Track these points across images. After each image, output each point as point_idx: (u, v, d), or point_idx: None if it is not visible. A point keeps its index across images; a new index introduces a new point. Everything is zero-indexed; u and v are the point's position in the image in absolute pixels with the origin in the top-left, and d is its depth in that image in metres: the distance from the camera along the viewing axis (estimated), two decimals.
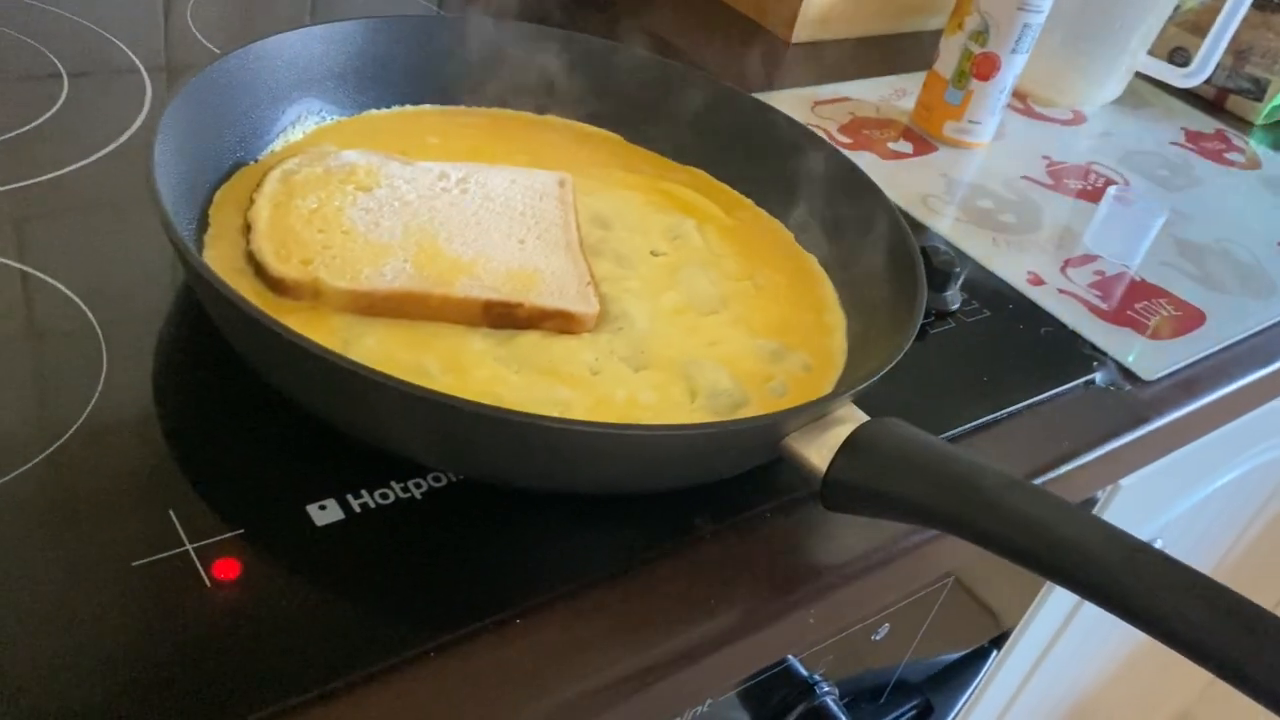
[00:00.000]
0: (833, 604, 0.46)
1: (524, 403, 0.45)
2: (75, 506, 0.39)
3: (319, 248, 0.49)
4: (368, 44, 0.62)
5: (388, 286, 0.48)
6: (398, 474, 0.43)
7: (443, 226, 0.53)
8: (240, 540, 0.39)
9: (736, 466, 0.46)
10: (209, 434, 0.43)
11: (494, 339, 0.49)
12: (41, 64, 0.64)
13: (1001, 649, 0.75)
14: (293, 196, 0.52)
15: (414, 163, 0.57)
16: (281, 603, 0.37)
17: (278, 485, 0.41)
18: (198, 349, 0.47)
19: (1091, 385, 0.62)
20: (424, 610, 0.39)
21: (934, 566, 0.54)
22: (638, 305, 0.53)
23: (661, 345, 0.51)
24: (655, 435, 0.41)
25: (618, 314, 0.52)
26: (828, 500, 0.43)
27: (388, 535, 0.41)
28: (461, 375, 0.46)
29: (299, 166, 0.54)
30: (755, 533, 0.46)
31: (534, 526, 0.43)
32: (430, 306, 0.48)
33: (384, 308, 0.48)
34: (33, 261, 0.49)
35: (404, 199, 0.54)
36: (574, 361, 0.49)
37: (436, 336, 0.48)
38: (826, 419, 0.44)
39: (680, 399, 0.49)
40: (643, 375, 0.50)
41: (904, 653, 0.62)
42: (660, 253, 0.58)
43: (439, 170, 0.57)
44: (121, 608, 0.36)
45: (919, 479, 0.40)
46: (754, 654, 0.45)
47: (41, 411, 0.42)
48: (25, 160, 0.55)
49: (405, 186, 0.55)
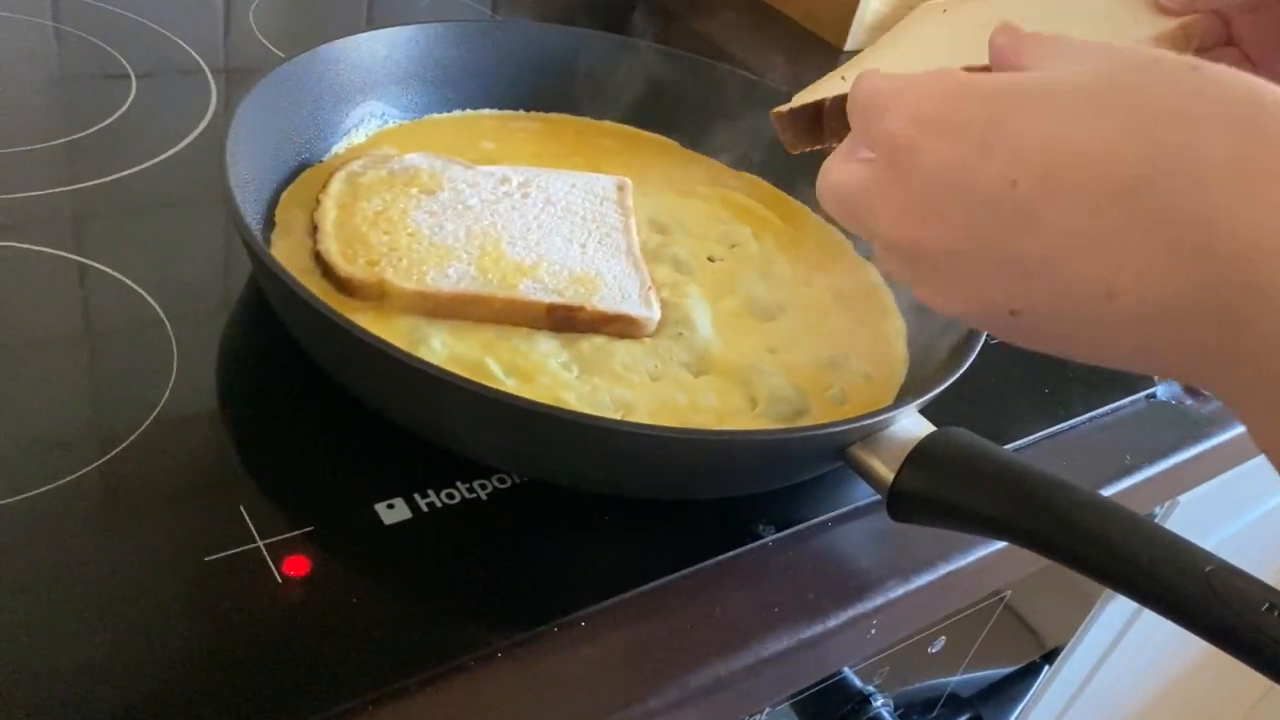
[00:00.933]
0: (895, 615, 0.45)
1: (586, 406, 0.45)
2: (149, 500, 0.39)
3: (385, 249, 0.50)
4: (429, 48, 0.63)
5: (452, 288, 0.48)
6: (464, 474, 0.43)
7: (505, 230, 0.53)
8: (310, 537, 0.39)
9: (801, 474, 0.46)
10: (278, 432, 0.44)
11: (556, 343, 0.49)
12: (111, 65, 0.65)
13: (1053, 664, 0.74)
14: (358, 198, 0.53)
15: (475, 167, 0.57)
16: (350, 600, 0.37)
17: (346, 484, 0.42)
18: (265, 347, 0.48)
19: (1153, 399, 0.61)
20: (491, 611, 0.39)
21: (994, 579, 0.53)
22: (698, 311, 0.53)
23: (722, 351, 0.51)
24: (723, 440, 0.41)
25: (678, 319, 0.52)
26: (894, 510, 0.42)
27: (454, 535, 0.41)
28: (524, 378, 0.46)
29: (364, 169, 0.55)
30: (819, 541, 0.45)
31: (598, 530, 0.43)
32: (494, 309, 0.49)
33: (448, 309, 0.48)
34: (103, 259, 0.50)
35: (466, 203, 0.54)
36: (635, 366, 0.49)
37: (499, 340, 0.48)
38: (892, 428, 0.43)
39: (741, 405, 0.49)
40: (703, 380, 0.50)
41: (958, 666, 0.62)
42: (718, 258, 0.58)
43: (500, 174, 0.57)
44: (194, 601, 0.36)
45: (989, 490, 0.40)
46: (815, 664, 0.45)
47: (115, 407, 0.43)
48: (95, 159, 0.56)
49: (468, 190, 0.55)
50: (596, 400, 0.46)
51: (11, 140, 0.56)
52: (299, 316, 0.43)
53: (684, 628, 0.41)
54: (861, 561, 0.46)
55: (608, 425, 0.39)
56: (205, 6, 0.75)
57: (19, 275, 0.48)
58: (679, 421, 0.46)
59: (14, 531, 0.37)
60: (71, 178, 0.55)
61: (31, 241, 0.50)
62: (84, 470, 0.40)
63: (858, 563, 0.45)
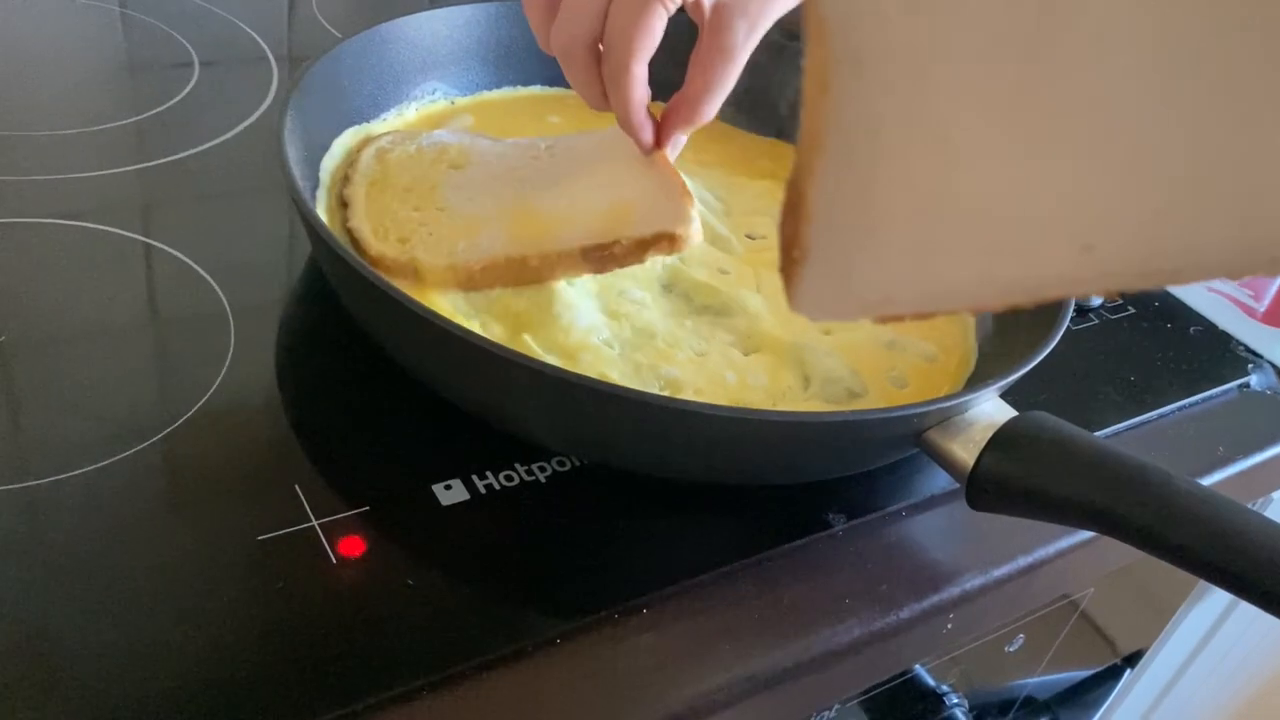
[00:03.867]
0: (973, 610, 0.43)
1: (631, 384, 0.44)
2: (205, 478, 0.39)
3: (415, 225, 0.48)
4: (489, 27, 0.62)
5: (485, 256, 0.46)
6: (522, 457, 0.42)
7: (533, 189, 0.51)
8: (365, 517, 0.38)
9: (873, 460, 0.44)
10: (334, 412, 0.43)
11: (600, 318, 0.47)
12: (175, 50, 0.65)
13: (1134, 668, 0.71)
14: (388, 175, 0.52)
15: (502, 140, 0.55)
16: (407, 581, 0.36)
17: (403, 464, 0.41)
18: (321, 327, 0.47)
19: (1247, 389, 0.58)
20: (550, 596, 0.37)
21: (1075, 575, 0.51)
22: (742, 289, 0.51)
23: (772, 328, 0.49)
24: (792, 423, 0.39)
25: (724, 294, 0.50)
26: (974, 498, 0.40)
27: (512, 518, 0.40)
28: (566, 356, 0.45)
29: (392, 145, 0.54)
30: (892, 531, 0.43)
31: (660, 515, 0.42)
32: (530, 268, 0.47)
33: (484, 279, 0.46)
34: (164, 238, 0.49)
35: (494, 173, 0.52)
36: (680, 345, 0.47)
37: (539, 313, 0.47)
38: (971, 413, 0.41)
39: (792, 384, 0.47)
40: (753, 359, 0.48)
41: (1037, 666, 0.59)
42: (758, 236, 0.56)
43: (529, 143, 0.55)
44: (248, 579, 0.35)
45: (1080, 477, 0.37)
46: (887, 658, 0.43)
47: (174, 385, 0.42)
48: (159, 141, 0.56)
49: (496, 162, 0.53)
50: (642, 379, 0.45)
51: (77, 122, 0.56)
52: (358, 295, 0.42)
53: (749, 617, 0.39)
54: (936, 553, 0.43)
55: (662, 403, 0.37)
56: None
57: (78, 253, 0.48)
58: (730, 399, 0.44)
59: (70, 507, 0.36)
60: (133, 159, 0.54)
61: (92, 220, 0.49)
62: (140, 447, 0.39)
63: (932, 554, 0.43)
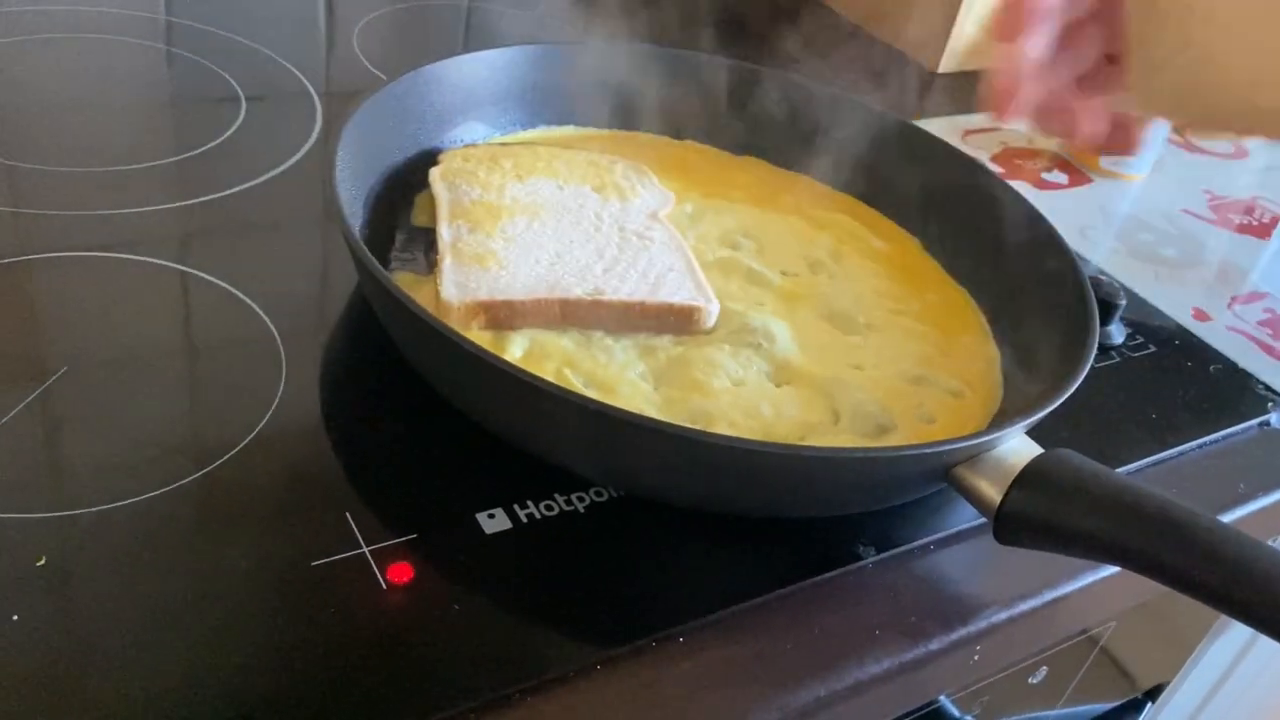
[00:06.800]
0: (999, 642, 0.44)
1: (667, 418, 0.45)
2: (256, 507, 0.40)
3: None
4: (528, 69, 0.64)
5: (521, 297, 0.48)
6: (562, 487, 0.43)
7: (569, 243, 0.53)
8: (413, 545, 0.39)
9: (902, 495, 0.45)
10: (381, 442, 0.44)
11: (633, 353, 0.49)
12: (221, 87, 0.67)
13: (1155, 701, 0.71)
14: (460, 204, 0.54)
15: (527, 179, 0.57)
16: (454, 607, 0.38)
17: (448, 493, 0.42)
18: (369, 359, 0.48)
19: (1267, 427, 0.59)
20: (589, 624, 0.39)
21: (1100, 609, 0.52)
22: (774, 323, 0.52)
23: (803, 362, 0.51)
24: (822, 458, 0.41)
25: (757, 328, 0.52)
26: (1001, 534, 0.41)
27: (553, 546, 0.41)
28: (604, 390, 0.46)
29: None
30: (920, 564, 0.45)
31: (696, 546, 0.43)
32: (565, 312, 0.49)
33: (519, 318, 0.48)
34: (213, 272, 0.51)
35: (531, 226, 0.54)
36: (715, 372, 0.48)
37: (577, 350, 0.48)
38: (998, 450, 0.42)
39: (824, 418, 0.48)
40: (785, 391, 0.49)
41: (1059, 699, 0.60)
42: (792, 273, 0.58)
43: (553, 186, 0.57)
44: (300, 605, 0.37)
45: (1104, 513, 0.38)
46: (916, 688, 0.44)
47: (226, 416, 0.44)
48: (208, 176, 0.58)
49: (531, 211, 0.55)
50: (675, 413, 0.46)
51: (128, 158, 0.58)
52: (404, 328, 0.44)
53: (783, 647, 0.40)
54: (965, 586, 0.44)
55: (699, 438, 0.38)
56: (311, 31, 0.78)
57: (134, 287, 0.50)
58: (761, 432, 0.46)
59: (124, 536, 0.38)
60: (184, 194, 0.56)
61: (146, 254, 0.51)
62: (194, 476, 0.41)
63: (961, 587, 0.44)
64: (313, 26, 0.79)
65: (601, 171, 0.60)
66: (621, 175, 0.60)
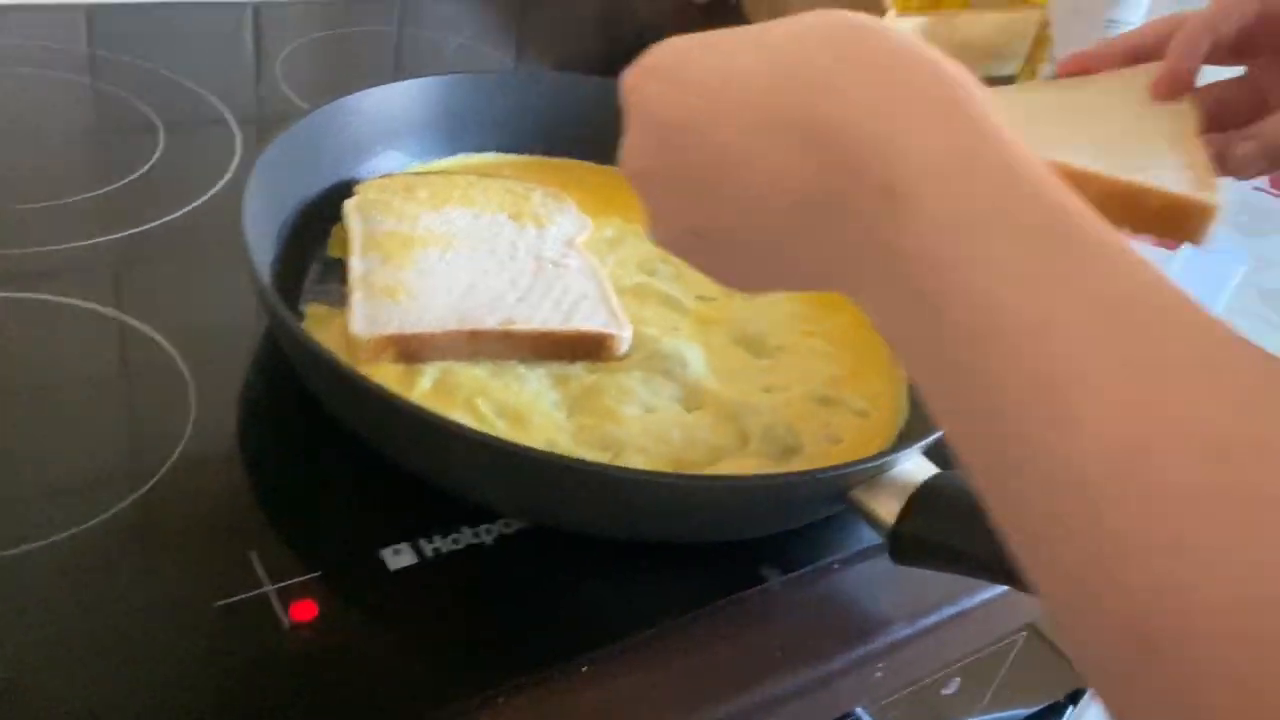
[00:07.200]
0: (902, 658, 0.45)
1: (579, 447, 0.46)
2: (163, 546, 0.41)
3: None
4: (447, 98, 0.64)
5: (431, 330, 0.49)
6: (470, 520, 0.44)
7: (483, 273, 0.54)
8: (317, 582, 0.40)
9: (803, 518, 0.46)
10: (289, 478, 0.45)
11: (546, 382, 0.50)
12: (139, 119, 0.67)
13: (1077, 704, 0.73)
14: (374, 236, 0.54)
15: (443, 209, 0.58)
16: (357, 645, 0.38)
17: (354, 529, 0.43)
18: (280, 394, 0.49)
19: None
20: (495, 656, 0.39)
21: (1009, 619, 0.53)
22: (687, 347, 0.53)
23: (714, 386, 0.52)
24: (720, 486, 0.42)
25: (670, 354, 0.53)
26: (896, 554, 0.42)
27: (459, 580, 0.42)
28: (516, 421, 0.47)
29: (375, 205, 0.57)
30: (824, 584, 0.46)
31: (602, 574, 0.44)
32: (475, 345, 0.50)
33: (429, 352, 0.49)
34: (128, 309, 0.51)
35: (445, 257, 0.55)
36: (627, 399, 0.49)
37: (490, 380, 0.49)
38: (895, 471, 0.44)
39: (732, 442, 0.49)
40: (696, 416, 0.50)
41: (975, 707, 0.61)
42: (709, 298, 0.59)
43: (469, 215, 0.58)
44: (203, 646, 0.37)
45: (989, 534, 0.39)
46: (824, 706, 0.45)
47: (133, 454, 0.44)
48: (123, 212, 0.58)
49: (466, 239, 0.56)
50: (587, 441, 0.47)
51: (43, 194, 0.58)
52: (309, 368, 0.45)
53: (689, 671, 0.41)
54: (868, 604, 0.46)
55: (603, 471, 0.39)
56: (235, 60, 0.78)
57: (46, 325, 0.50)
58: (672, 458, 0.47)
59: (27, 579, 0.38)
60: (97, 231, 0.56)
61: (60, 293, 0.51)
62: (101, 518, 0.41)
63: (864, 605, 0.46)
64: (237, 56, 0.79)
65: (519, 199, 0.61)
66: (539, 203, 0.61)
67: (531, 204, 0.61)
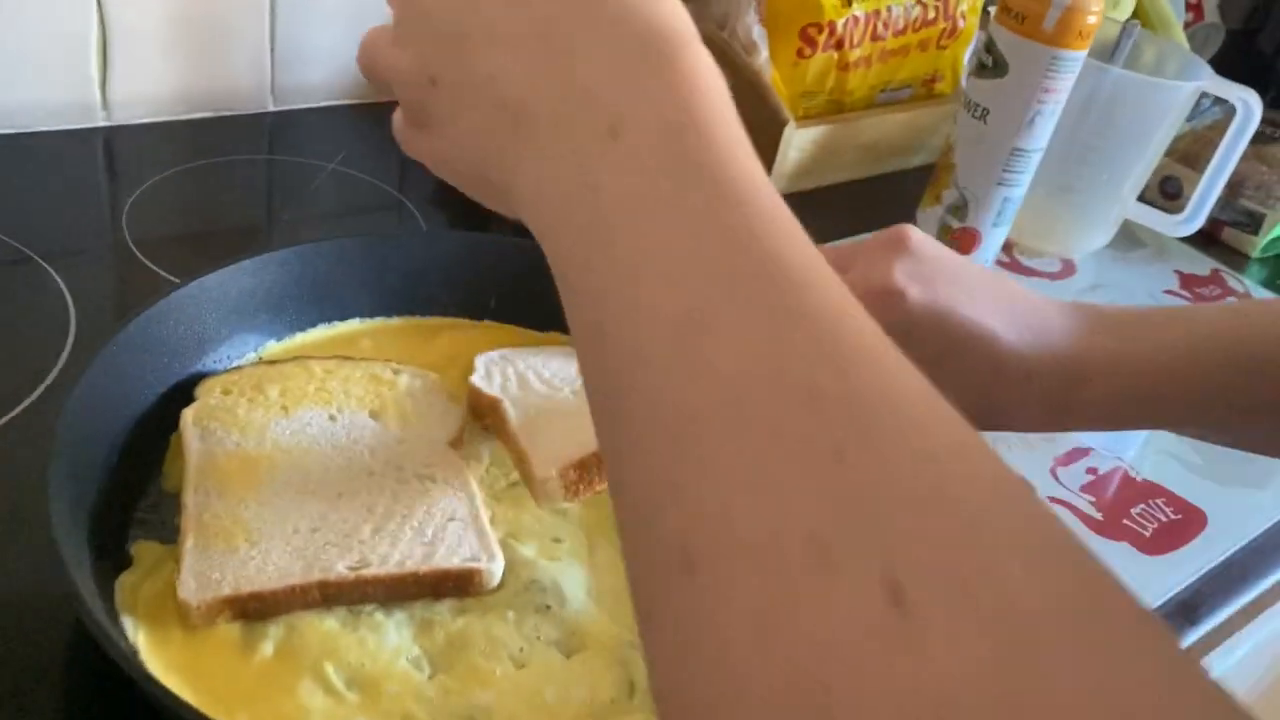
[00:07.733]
0: None
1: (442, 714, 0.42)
2: None
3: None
4: (301, 269, 0.59)
5: (273, 587, 0.44)
6: None
7: (336, 498, 0.49)
8: None
9: None
10: None
11: (408, 634, 0.45)
12: None
13: None
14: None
15: (294, 412, 0.53)
16: None
17: None
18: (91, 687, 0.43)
19: None
20: None
21: None
22: (568, 573, 0.49)
23: (596, 623, 0.47)
24: None
25: (547, 587, 0.48)
26: None
27: None
28: (368, 688, 0.42)
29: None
30: None
31: None
32: (325, 594, 0.45)
33: (272, 609, 0.44)
34: None
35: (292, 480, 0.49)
36: (497, 653, 0.45)
37: (343, 636, 0.44)
38: None
39: (617, 693, 0.44)
40: (575, 661, 0.46)
41: None
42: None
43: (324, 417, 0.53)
44: None
45: None
46: None
47: None
48: None
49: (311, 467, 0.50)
50: (450, 709, 0.42)
51: None
52: None
53: None
54: None
55: None
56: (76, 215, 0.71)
57: None
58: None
59: None
60: None
61: None
62: None
63: None
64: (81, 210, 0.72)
65: (383, 388, 0.56)
66: (405, 391, 0.56)
67: (397, 392, 0.56)
